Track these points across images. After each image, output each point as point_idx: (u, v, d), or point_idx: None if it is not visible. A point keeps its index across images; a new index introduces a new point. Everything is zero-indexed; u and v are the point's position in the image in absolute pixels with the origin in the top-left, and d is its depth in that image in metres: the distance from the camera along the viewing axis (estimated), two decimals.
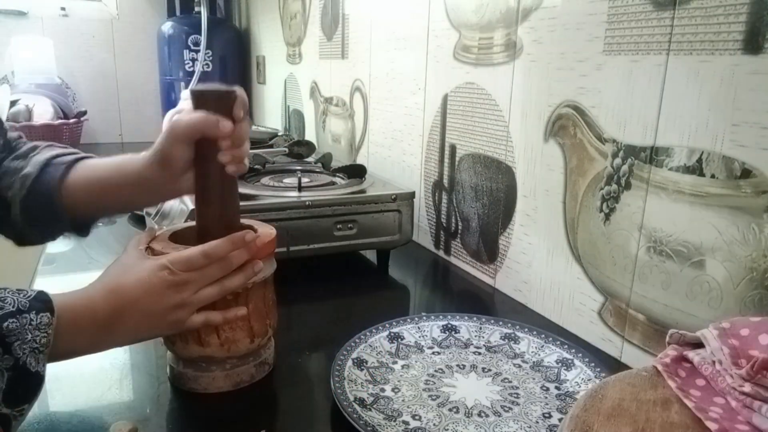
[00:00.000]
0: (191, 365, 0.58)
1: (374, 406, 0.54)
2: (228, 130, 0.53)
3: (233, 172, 0.55)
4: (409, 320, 0.69)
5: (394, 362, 0.62)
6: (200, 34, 1.98)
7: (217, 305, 0.54)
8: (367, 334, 0.65)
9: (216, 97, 0.54)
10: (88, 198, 0.60)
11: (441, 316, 0.70)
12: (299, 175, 0.97)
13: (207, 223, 0.57)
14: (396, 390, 0.57)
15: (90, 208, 0.62)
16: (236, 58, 2.19)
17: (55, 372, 0.62)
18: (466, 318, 0.70)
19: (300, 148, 1.27)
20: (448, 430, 0.51)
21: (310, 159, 1.24)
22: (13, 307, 0.42)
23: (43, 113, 1.89)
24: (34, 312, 0.43)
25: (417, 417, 0.53)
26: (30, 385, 0.42)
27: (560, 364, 0.61)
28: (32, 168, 0.60)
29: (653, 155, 0.60)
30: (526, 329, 0.67)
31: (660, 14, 0.58)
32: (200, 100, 0.54)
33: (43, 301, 0.44)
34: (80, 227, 0.65)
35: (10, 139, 0.66)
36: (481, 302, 0.85)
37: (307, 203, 0.85)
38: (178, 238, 0.58)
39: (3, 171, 0.62)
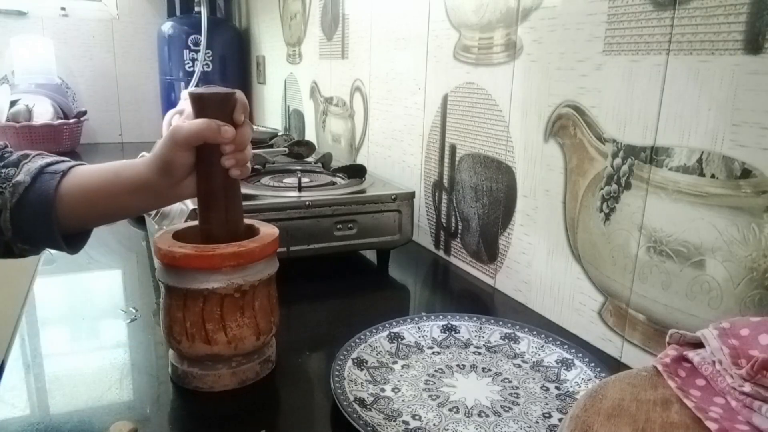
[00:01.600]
0: (197, 364, 0.58)
1: (374, 406, 0.54)
2: (230, 135, 0.52)
3: (237, 176, 0.54)
4: (409, 320, 0.69)
5: (394, 362, 0.62)
6: (200, 34, 1.98)
7: (224, 305, 0.54)
8: (367, 334, 0.65)
9: (216, 100, 0.54)
10: (84, 206, 0.58)
11: (441, 316, 0.70)
12: (299, 175, 0.97)
13: (211, 228, 0.57)
14: (396, 390, 0.57)
15: (87, 216, 0.59)
16: (236, 58, 2.19)
17: (55, 372, 0.62)
18: (466, 318, 0.70)
19: (300, 148, 1.27)
20: (448, 430, 0.51)
21: (310, 159, 1.24)
22: None
23: (43, 113, 1.89)
24: None
25: (417, 417, 0.53)
26: None
27: (560, 364, 0.61)
28: (24, 176, 0.57)
29: (653, 155, 0.60)
30: (526, 329, 0.67)
31: (660, 14, 0.58)
32: (200, 104, 0.54)
33: None
34: (71, 241, 0.62)
35: None
36: (481, 302, 0.85)
37: (307, 203, 0.85)
38: (181, 237, 0.58)
39: None
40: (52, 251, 0.63)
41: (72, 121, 1.96)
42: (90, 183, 0.58)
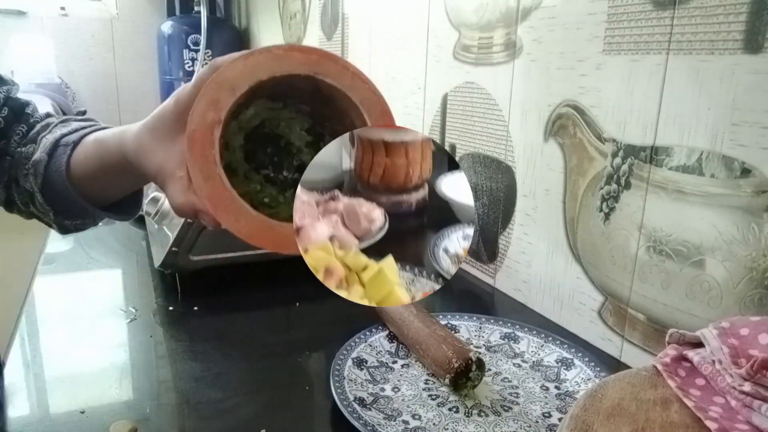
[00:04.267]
0: None
1: (374, 405, 0.54)
2: None
3: None
4: None
5: (394, 362, 0.62)
6: (200, 34, 1.98)
7: None
8: (367, 333, 0.65)
9: None
10: (93, 180, 0.54)
11: (441, 316, 0.70)
12: None
13: None
14: (396, 389, 0.57)
15: (102, 189, 0.55)
16: None
17: (55, 372, 0.62)
18: (466, 318, 0.70)
19: None
20: (447, 429, 0.51)
21: None
22: None
23: None
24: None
25: (417, 416, 0.53)
26: None
27: (560, 364, 0.61)
28: (41, 153, 0.54)
29: (653, 155, 0.60)
30: (526, 329, 0.67)
31: (660, 14, 0.58)
32: None
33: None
34: (121, 207, 0.58)
35: (24, 112, 0.59)
36: (481, 302, 0.85)
37: None
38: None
39: (16, 159, 0.56)
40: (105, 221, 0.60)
41: None
42: (95, 153, 0.54)
